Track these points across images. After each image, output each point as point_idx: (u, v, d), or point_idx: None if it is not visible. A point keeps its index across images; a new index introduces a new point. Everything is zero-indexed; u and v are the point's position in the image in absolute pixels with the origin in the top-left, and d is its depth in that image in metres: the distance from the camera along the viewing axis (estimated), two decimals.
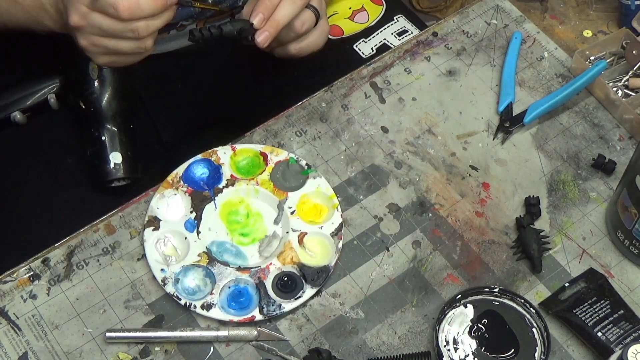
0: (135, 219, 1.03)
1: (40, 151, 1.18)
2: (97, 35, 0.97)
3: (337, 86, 1.15)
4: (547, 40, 1.20)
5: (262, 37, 1.04)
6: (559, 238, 1.03)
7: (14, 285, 0.98)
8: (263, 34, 1.04)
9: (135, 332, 0.95)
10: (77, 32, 0.98)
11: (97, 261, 1.00)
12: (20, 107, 1.16)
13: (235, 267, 0.99)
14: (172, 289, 0.97)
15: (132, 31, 0.96)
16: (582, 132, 1.12)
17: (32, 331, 0.95)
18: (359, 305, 0.98)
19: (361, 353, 0.95)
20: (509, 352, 0.93)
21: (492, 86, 1.16)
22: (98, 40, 0.97)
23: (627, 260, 1.02)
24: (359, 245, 1.02)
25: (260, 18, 1.03)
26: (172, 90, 1.27)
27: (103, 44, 0.98)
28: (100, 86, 1.14)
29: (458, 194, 1.06)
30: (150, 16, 0.96)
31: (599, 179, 1.08)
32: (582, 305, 0.96)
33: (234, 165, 1.06)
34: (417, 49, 1.19)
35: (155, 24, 0.97)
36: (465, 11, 1.23)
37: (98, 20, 0.95)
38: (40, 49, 1.17)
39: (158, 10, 0.96)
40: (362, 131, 1.11)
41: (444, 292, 0.99)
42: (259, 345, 0.95)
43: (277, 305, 0.96)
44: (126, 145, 1.14)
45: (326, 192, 1.04)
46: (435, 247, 1.02)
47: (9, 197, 1.15)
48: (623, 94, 1.13)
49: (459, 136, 1.11)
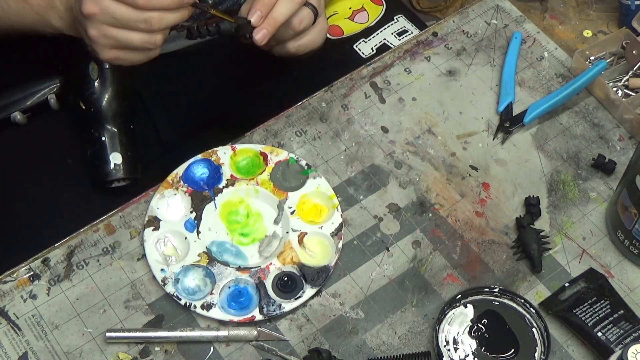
0: (135, 219, 1.03)
1: (40, 151, 1.18)
2: (109, 24, 0.96)
3: (337, 86, 1.15)
4: (547, 40, 1.20)
5: (260, 35, 1.04)
6: (559, 238, 1.03)
7: (14, 285, 0.98)
8: (261, 31, 1.04)
9: (135, 332, 0.95)
10: (89, 22, 0.97)
11: (97, 261, 1.00)
12: (21, 108, 1.17)
13: (235, 267, 0.99)
14: (172, 289, 0.97)
15: (146, 21, 0.96)
16: (582, 132, 1.12)
17: (32, 331, 0.95)
18: (359, 305, 0.98)
19: (361, 353, 0.95)
20: (509, 352, 0.93)
21: (492, 86, 1.16)
22: (109, 30, 0.97)
23: (627, 260, 1.02)
24: (359, 245, 1.02)
25: (258, 15, 1.04)
26: (172, 90, 1.27)
27: (113, 34, 0.97)
28: (100, 86, 1.14)
29: (458, 194, 1.06)
30: (165, 9, 0.96)
31: (599, 179, 1.08)
32: (582, 305, 0.96)
33: (234, 165, 1.06)
34: (417, 49, 1.19)
35: (168, 19, 0.97)
36: (465, 11, 1.23)
37: (112, 7, 0.95)
38: (41, 50, 1.17)
39: (174, 5, 0.96)
40: (362, 131, 1.11)
41: (444, 292, 0.99)
42: (259, 345, 0.95)
43: (277, 305, 0.96)
44: (126, 146, 1.14)
45: (326, 192, 1.04)
46: (435, 247, 1.02)
47: (9, 197, 1.15)
48: (623, 94, 1.13)
49: (459, 136, 1.11)
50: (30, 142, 1.19)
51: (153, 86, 1.24)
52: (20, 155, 1.19)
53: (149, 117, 1.24)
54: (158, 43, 0.99)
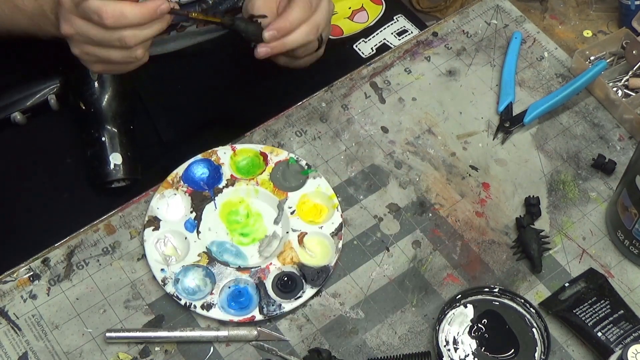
0: (135, 219, 1.03)
1: (40, 152, 1.18)
2: (87, 43, 0.97)
3: (337, 86, 1.15)
4: (547, 40, 1.20)
5: (263, 51, 1.02)
6: (559, 238, 1.03)
7: (14, 285, 0.98)
8: (265, 48, 1.02)
9: (135, 332, 0.95)
10: (70, 41, 0.98)
11: (97, 261, 1.00)
12: (21, 108, 1.17)
13: (235, 267, 0.99)
14: (172, 289, 0.97)
15: (119, 40, 0.94)
16: (582, 132, 1.12)
17: (32, 331, 0.95)
18: (359, 305, 0.98)
19: (361, 353, 0.95)
20: (509, 352, 0.93)
21: (492, 86, 1.16)
22: (89, 48, 0.97)
23: (627, 260, 1.02)
24: (359, 245, 1.02)
25: (272, 35, 1.02)
26: (172, 90, 1.27)
27: (94, 52, 0.97)
28: (100, 87, 1.14)
29: (458, 194, 1.06)
30: (136, 25, 0.94)
31: (599, 179, 1.08)
32: (582, 305, 0.96)
33: (234, 165, 1.06)
34: (417, 49, 1.19)
35: (143, 34, 0.95)
36: (465, 11, 1.23)
37: (85, 28, 0.95)
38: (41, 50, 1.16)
39: (145, 20, 0.95)
40: (362, 131, 1.11)
41: (444, 292, 0.99)
42: (259, 345, 0.95)
43: (277, 305, 0.96)
44: (126, 146, 1.14)
45: (326, 192, 1.04)
46: (435, 247, 1.02)
47: (9, 197, 1.15)
48: (623, 94, 1.13)
49: (459, 136, 1.11)
50: (30, 142, 1.19)
51: (153, 86, 1.24)
52: (20, 155, 1.19)
53: (149, 118, 1.24)
54: (139, 57, 0.98)
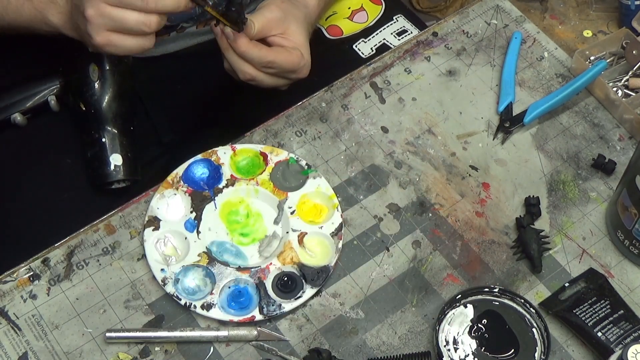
0: (135, 219, 1.03)
1: (40, 153, 1.18)
2: (106, 2, 0.95)
3: (337, 86, 1.15)
4: (547, 40, 1.20)
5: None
6: (559, 238, 1.03)
7: (14, 285, 0.98)
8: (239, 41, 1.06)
9: (135, 332, 0.95)
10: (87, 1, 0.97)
11: (97, 261, 1.00)
12: (21, 109, 1.17)
13: (235, 267, 0.99)
14: (172, 289, 0.97)
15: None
16: (582, 132, 1.12)
17: (32, 331, 0.95)
18: (359, 305, 0.98)
19: (361, 353, 0.95)
20: (509, 352, 0.93)
21: (492, 86, 1.16)
22: (106, 8, 0.96)
23: (627, 260, 1.02)
24: (359, 245, 1.02)
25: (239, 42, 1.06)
26: (172, 91, 1.27)
27: (110, 12, 0.96)
28: (100, 88, 1.14)
29: (458, 194, 1.06)
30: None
31: (599, 179, 1.08)
32: (582, 305, 0.96)
33: (234, 165, 1.06)
34: (417, 49, 1.19)
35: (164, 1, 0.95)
36: (465, 11, 1.23)
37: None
38: (41, 51, 1.17)
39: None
40: (362, 131, 1.11)
41: (444, 292, 0.99)
42: (259, 345, 0.95)
43: (277, 305, 0.96)
44: (126, 147, 1.14)
45: (326, 192, 1.04)
46: (435, 247, 1.02)
47: (9, 198, 1.15)
48: (623, 94, 1.13)
49: (459, 136, 1.11)
50: (30, 143, 1.19)
51: (153, 87, 1.24)
52: (20, 156, 1.19)
53: (149, 118, 1.24)
54: (153, 26, 0.97)
